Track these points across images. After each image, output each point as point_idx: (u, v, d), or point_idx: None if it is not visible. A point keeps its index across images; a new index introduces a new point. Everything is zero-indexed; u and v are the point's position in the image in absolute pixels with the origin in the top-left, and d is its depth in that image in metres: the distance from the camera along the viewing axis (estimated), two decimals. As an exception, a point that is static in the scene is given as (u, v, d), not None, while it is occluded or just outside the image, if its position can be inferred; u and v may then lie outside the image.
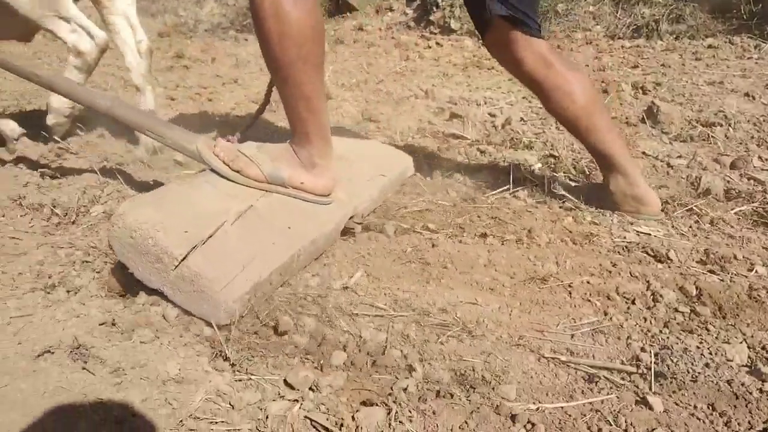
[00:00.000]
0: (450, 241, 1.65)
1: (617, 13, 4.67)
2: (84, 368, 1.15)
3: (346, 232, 1.66)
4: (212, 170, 1.56)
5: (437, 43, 4.45)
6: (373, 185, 1.79)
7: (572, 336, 1.30)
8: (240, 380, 1.16)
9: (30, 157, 2.34)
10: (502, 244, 1.64)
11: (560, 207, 1.85)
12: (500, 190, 1.95)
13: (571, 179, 2.04)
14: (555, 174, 2.07)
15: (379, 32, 4.91)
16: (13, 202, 1.92)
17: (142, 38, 2.41)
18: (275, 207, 1.52)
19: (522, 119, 2.70)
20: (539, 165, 2.15)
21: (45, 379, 1.12)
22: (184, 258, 1.28)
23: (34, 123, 2.45)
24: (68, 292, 1.43)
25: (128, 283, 1.42)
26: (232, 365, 1.19)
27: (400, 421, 1.05)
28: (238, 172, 1.53)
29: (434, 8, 4.81)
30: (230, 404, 1.09)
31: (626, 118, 2.66)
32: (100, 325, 1.29)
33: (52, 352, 1.19)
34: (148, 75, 2.43)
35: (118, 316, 1.32)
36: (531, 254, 1.58)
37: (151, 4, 5.71)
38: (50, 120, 2.38)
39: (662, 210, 1.80)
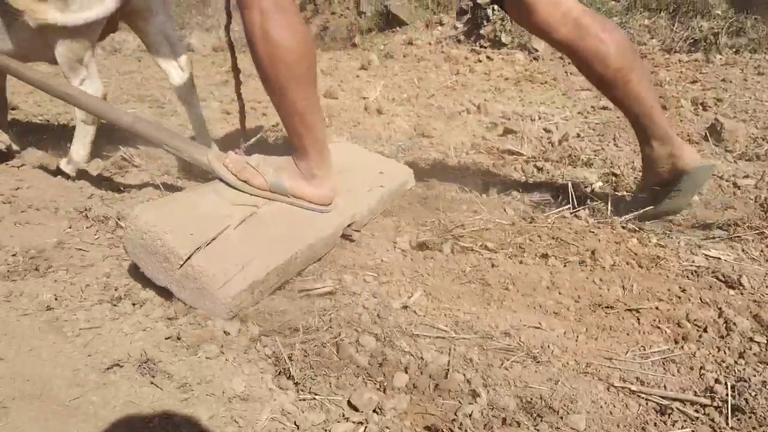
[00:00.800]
0: (510, 262, 1.62)
1: (673, 26, 4.57)
2: (152, 383, 1.17)
3: (345, 238, 1.75)
4: (221, 180, 1.68)
5: (488, 57, 4.42)
6: (372, 195, 1.88)
7: (642, 365, 1.26)
8: (304, 400, 1.15)
9: (92, 171, 2.42)
10: (565, 265, 1.60)
11: (623, 228, 1.80)
12: (560, 209, 1.91)
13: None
14: (616, 193, 2.01)
15: (429, 46, 4.91)
16: (79, 213, 1.98)
17: (182, 53, 2.47)
18: (276, 214, 1.62)
19: (578, 135, 2.65)
20: (599, 183, 2.10)
21: (115, 393, 1.15)
22: (188, 258, 1.40)
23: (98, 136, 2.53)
24: (134, 305, 1.46)
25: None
26: (296, 384, 1.19)
27: (467, 449, 1.03)
28: (245, 182, 1.64)
29: (485, 22, 4.79)
30: (295, 424, 1.09)
31: (688, 136, 2.58)
32: (166, 339, 1.31)
33: (121, 366, 1.22)
34: (193, 88, 2.48)
35: (183, 330, 1.34)
36: (595, 277, 1.54)
37: (206, 19, 5.86)
38: (67, 168, 2.41)
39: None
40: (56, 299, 1.51)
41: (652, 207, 1.81)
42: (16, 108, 3.70)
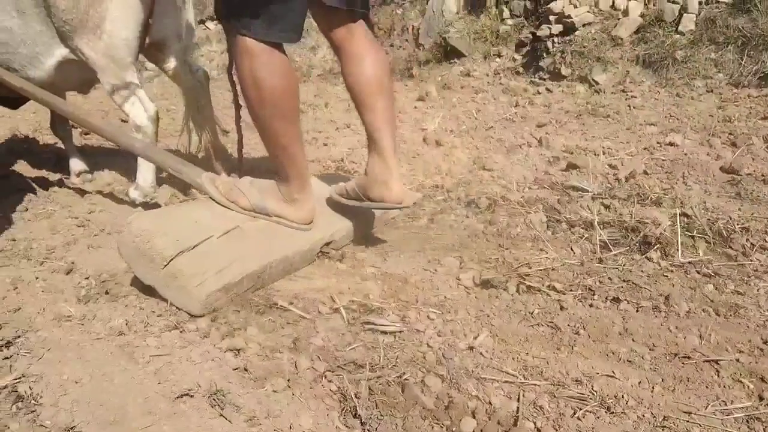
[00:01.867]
0: (580, 304, 1.57)
1: (742, 60, 4.42)
2: (221, 414, 1.18)
3: (323, 255, 1.89)
4: (212, 198, 1.86)
5: (547, 89, 4.38)
6: (351, 219, 1.99)
7: (723, 421, 1.19)
8: (371, 441, 1.14)
9: (160, 200, 2.50)
10: (637, 310, 1.55)
11: (698, 272, 1.72)
12: (630, 250, 1.85)
13: (707, 242, 1.91)
14: (689, 234, 1.94)
15: (487, 78, 4.91)
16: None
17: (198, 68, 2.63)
18: (258, 229, 1.79)
19: (645, 172, 2.58)
20: (670, 223, 2.02)
21: (186, 423, 1.16)
22: (172, 259, 1.56)
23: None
24: (203, 337, 1.48)
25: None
26: (363, 423, 1.18)
27: (541, 504, 0.99)
28: (233, 202, 1.83)
29: (544, 54, 4.76)
30: (363, 466, 1.07)
31: (762, 176, 2.48)
32: (234, 370, 1.33)
33: (191, 396, 1.23)
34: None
35: (250, 362, 1.35)
36: (671, 324, 1.48)
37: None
38: (135, 194, 2.51)
39: (401, 202, 1.82)
40: (127, 324, 1.55)
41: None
42: (89, 133, 3.87)
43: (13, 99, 2.77)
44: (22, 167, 3.29)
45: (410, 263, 1.85)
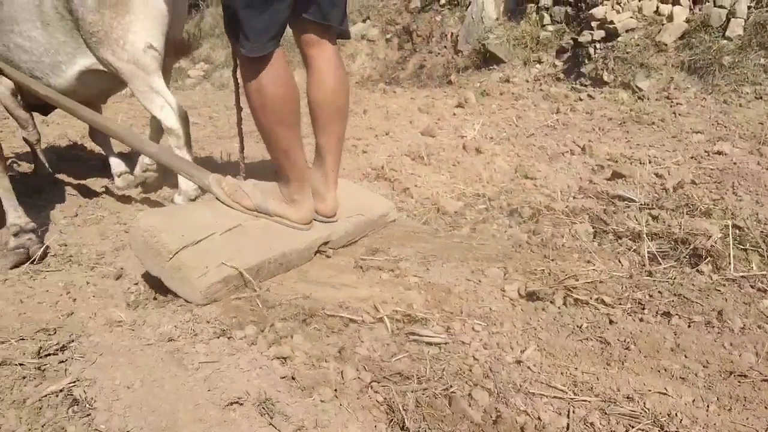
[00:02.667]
0: (629, 319, 1.54)
1: (793, 65, 4.29)
2: (270, 423, 1.19)
3: (320, 254, 1.97)
4: (217, 198, 1.98)
5: (589, 96, 4.31)
6: (350, 221, 2.08)
7: (784, 443, 1.15)
8: (419, 454, 1.13)
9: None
10: (689, 326, 1.51)
11: (752, 287, 1.67)
12: (680, 263, 1.81)
13: (761, 255, 1.85)
14: (741, 247, 1.88)
15: (527, 84, 4.86)
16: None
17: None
18: (259, 227, 1.90)
19: (694, 181, 2.51)
20: (721, 236, 1.97)
21: (236, 431, 1.17)
22: (176, 253, 1.69)
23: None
24: (251, 344, 1.50)
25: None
26: (410, 436, 1.17)
27: None
28: (237, 202, 1.94)
29: (586, 60, 4.69)
30: (412, 480, 1.07)
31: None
32: (281, 378, 1.34)
33: (241, 404, 1.25)
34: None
35: (297, 370, 1.36)
36: (725, 341, 1.43)
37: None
38: (178, 200, 2.62)
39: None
40: (176, 329, 1.58)
41: None
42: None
43: (42, 106, 2.92)
44: (71, 173, 3.40)
45: (453, 273, 1.84)
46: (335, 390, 1.29)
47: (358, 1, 6.70)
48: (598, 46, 4.68)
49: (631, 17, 4.60)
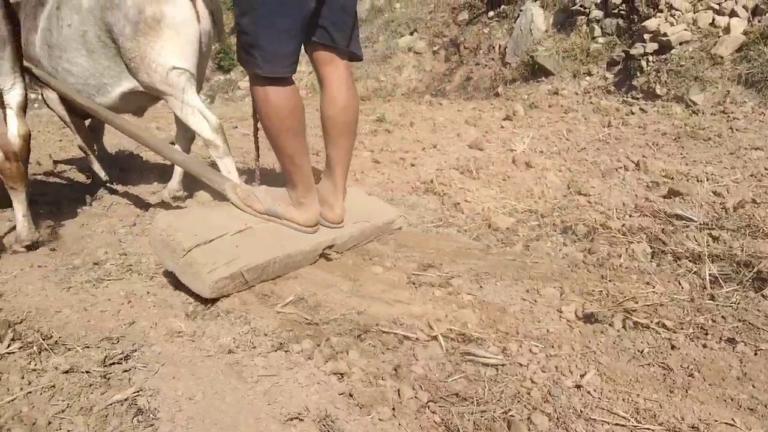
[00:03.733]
0: (692, 344, 1.50)
1: None
2: (330, 441, 1.20)
3: (324, 257, 2.08)
4: (231, 202, 2.12)
5: (641, 109, 4.23)
6: (356, 227, 2.19)
7: None
8: (480, 479, 1.13)
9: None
10: (756, 353, 1.46)
11: (823, 314, 1.61)
12: (744, 286, 1.75)
13: (831, 280, 1.77)
14: (809, 272, 1.81)
15: (576, 97, 4.80)
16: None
17: None
18: (268, 230, 2.03)
19: (755, 201, 2.44)
20: (787, 259, 1.90)
21: (297, 448, 1.19)
22: (190, 250, 1.83)
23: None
24: (302, 353, 1.51)
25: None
26: (470, 460, 1.17)
27: None
28: (249, 206, 2.08)
29: (638, 73, 4.61)
30: (474, 505, 1.06)
31: None
32: (339, 394, 1.35)
33: (301, 419, 1.26)
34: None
35: (354, 387, 1.37)
36: (795, 371, 1.38)
37: (355, 69, 6.17)
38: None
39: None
40: (234, 341, 1.61)
41: None
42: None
43: (83, 116, 3.28)
44: (127, 181, 3.51)
45: (508, 292, 1.82)
46: (393, 409, 1.30)
47: (405, 15, 6.76)
48: (650, 58, 4.60)
49: (686, 29, 4.50)
